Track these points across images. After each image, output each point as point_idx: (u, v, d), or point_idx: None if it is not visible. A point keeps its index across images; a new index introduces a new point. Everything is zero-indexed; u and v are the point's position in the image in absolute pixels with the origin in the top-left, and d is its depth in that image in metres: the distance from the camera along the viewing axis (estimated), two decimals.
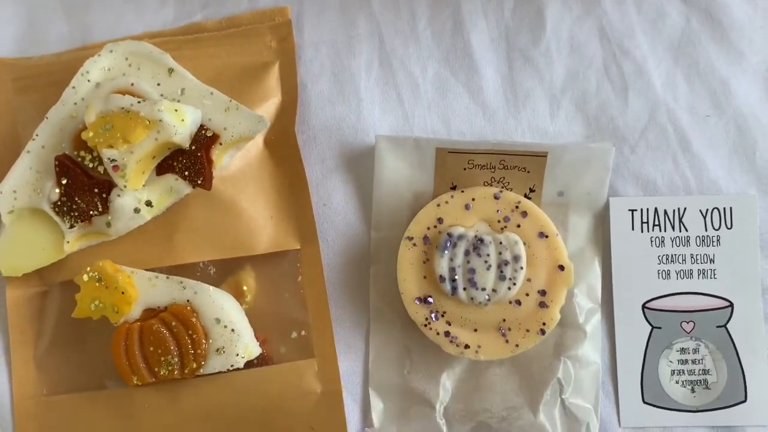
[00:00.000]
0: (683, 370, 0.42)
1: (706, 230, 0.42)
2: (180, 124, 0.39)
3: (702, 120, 0.44)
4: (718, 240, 0.42)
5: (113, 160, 0.38)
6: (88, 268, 0.39)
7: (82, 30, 0.45)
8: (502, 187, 0.42)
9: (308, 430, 0.41)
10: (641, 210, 0.43)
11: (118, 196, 0.39)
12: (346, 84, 0.45)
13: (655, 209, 0.43)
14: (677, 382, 0.42)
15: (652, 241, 0.43)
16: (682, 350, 0.42)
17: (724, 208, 0.42)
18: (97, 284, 0.39)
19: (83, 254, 0.41)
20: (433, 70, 0.45)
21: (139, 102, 0.39)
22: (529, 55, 0.45)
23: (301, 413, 0.41)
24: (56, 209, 0.40)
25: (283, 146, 0.43)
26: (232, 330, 0.39)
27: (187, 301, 0.40)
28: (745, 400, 0.41)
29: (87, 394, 0.41)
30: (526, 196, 0.42)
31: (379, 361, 0.42)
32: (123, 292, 0.39)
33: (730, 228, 0.42)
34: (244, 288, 0.42)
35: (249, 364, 0.41)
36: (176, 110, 0.39)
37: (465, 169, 0.42)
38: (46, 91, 0.43)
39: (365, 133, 0.44)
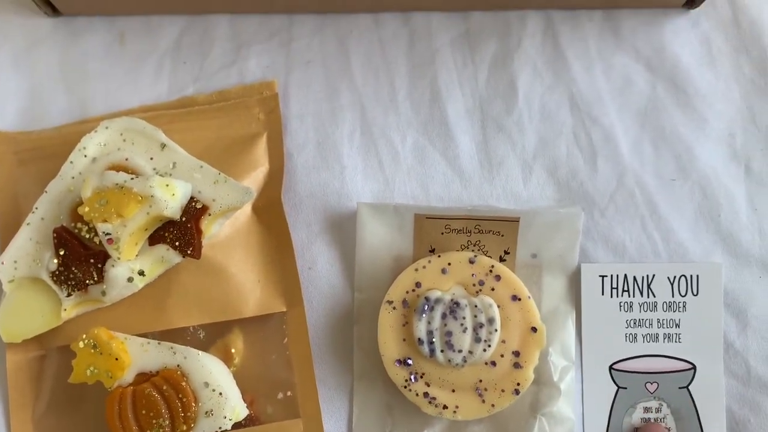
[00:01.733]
0: None
1: (672, 296, 0.44)
2: (171, 198, 0.41)
3: (668, 184, 0.46)
4: (684, 306, 0.44)
5: (108, 234, 0.41)
6: (84, 336, 0.41)
7: (81, 104, 0.48)
8: (478, 251, 0.44)
9: None
10: (611, 276, 0.45)
11: (113, 266, 0.42)
12: (330, 152, 0.47)
13: (625, 275, 0.45)
14: None
15: (621, 306, 0.45)
16: (645, 409, 0.43)
17: (691, 276, 0.44)
18: (92, 351, 0.41)
19: (79, 320, 0.43)
20: (412, 139, 0.47)
21: (132, 178, 0.41)
22: (502, 123, 0.47)
23: None
24: (54, 278, 0.43)
25: (270, 213, 0.46)
26: (220, 393, 0.41)
27: (178, 365, 0.41)
28: None
29: None
30: (501, 258, 0.44)
31: (363, 420, 0.44)
32: (117, 359, 0.41)
33: (696, 294, 0.44)
34: (233, 350, 0.44)
35: (237, 425, 0.42)
36: (167, 185, 0.41)
37: (442, 233, 0.44)
38: (46, 164, 0.46)
39: (348, 199, 0.47)
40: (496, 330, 0.41)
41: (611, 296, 0.45)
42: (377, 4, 0.49)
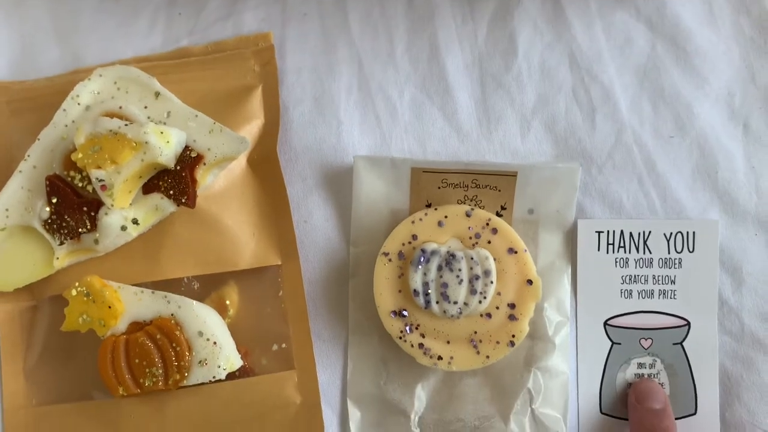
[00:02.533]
0: None
1: (668, 253, 0.44)
2: (165, 146, 0.41)
3: (666, 142, 0.46)
4: (679, 263, 0.44)
5: (101, 180, 0.40)
6: (76, 283, 0.41)
7: (74, 55, 0.47)
8: (475, 205, 0.44)
9: None
10: (607, 232, 0.45)
11: (106, 214, 0.41)
12: (327, 107, 0.47)
13: (621, 231, 0.45)
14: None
15: (616, 262, 0.44)
16: (639, 365, 0.43)
17: (687, 233, 0.44)
18: (85, 299, 0.41)
19: (72, 270, 0.43)
20: (409, 94, 0.47)
21: (126, 125, 0.41)
22: (501, 80, 0.47)
23: (282, 423, 0.43)
24: (46, 227, 0.42)
25: (265, 166, 0.45)
26: (215, 343, 0.41)
27: (172, 315, 0.41)
28: (695, 413, 0.43)
29: (75, 404, 0.43)
30: (497, 213, 0.44)
31: (357, 372, 0.44)
32: (110, 307, 0.41)
33: (692, 251, 0.44)
34: (227, 302, 0.44)
35: (231, 376, 0.42)
36: (162, 132, 0.41)
37: (439, 187, 0.44)
38: (39, 114, 0.45)
39: (345, 154, 0.46)
40: (491, 282, 0.41)
41: (607, 252, 0.44)
42: None
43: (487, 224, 0.42)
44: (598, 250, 0.45)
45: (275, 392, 0.43)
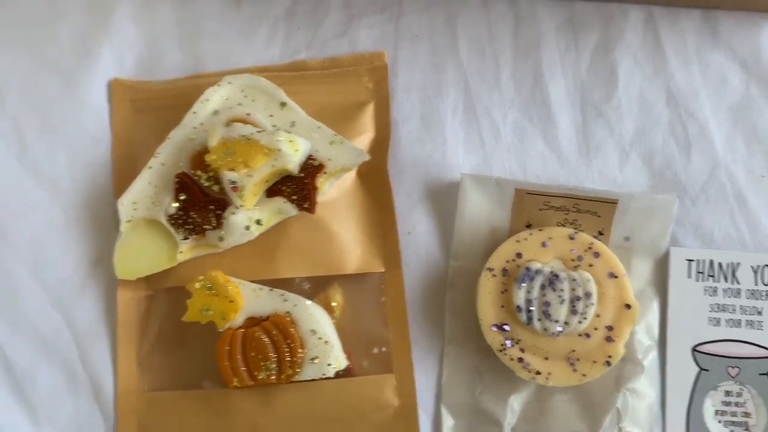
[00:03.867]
0: (726, 411, 0.46)
1: (756, 285, 0.46)
2: (294, 154, 0.43)
3: (758, 180, 0.48)
4: (766, 295, 0.46)
5: (233, 182, 0.43)
6: (201, 277, 0.43)
7: (195, 59, 0.50)
8: (575, 229, 0.46)
9: None
10: (698, 261, 0.47)
11: (233, 213, 0.44)
12: (434, 125, 0.49)
13: (711, 261, 0.47)
14: (719, 422, 0.46)
15: (705, 290, 0.46)
16: (727, 393, 0.45)
17: None
18: (208, 292, 0.43)
19: (190, 264, 0.45)
20: (512, 117, 0.49)
21: (259, 132, 0.43)
22: (601, 109, 0.49)
23: (380, 424, 0.45)
24: (172, 222, 0.44)
25: (374, 178, 0.48)
26: (326, 342, 0.43)
27: (287, 312, 0.43)
28: None
29: (185, 392, 0.45)
30: (594, 238, 0.46)
31: (452, 381, 0.46)
32: (231, 301, 0.43)
33: None
34: (333, 304, 0.46)
35: (335, 375, 0.44)
36: (291, 141, 0.43)
37: (540, 209, 0.46)
38: (161, 114, 0.48)
39: (449, 171, 0.49)
40: (592, 304, 0.43)
41: (697, 280, 0.46)
42: None
43: (590, 248, 0.44)
44: (689, 277, 0.47)
45: (375, 394, 0.45)
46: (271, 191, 0.44)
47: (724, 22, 0.50)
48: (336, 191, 0.47)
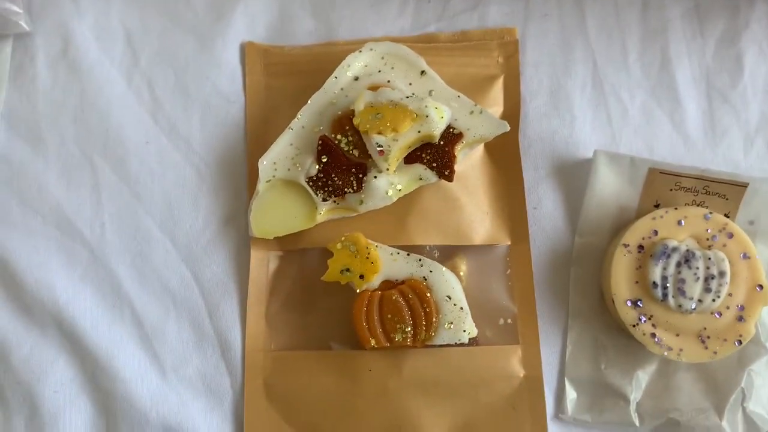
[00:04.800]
0: None
1: None
2: (440, 121, 0.44)
3: None
4: None
5: (380, 146, 0.43)
6: (343, 237, 0.44)
7: (327, 27, 0.50)
8: (706, 208, 0.46)
9: (510, 409, 0.45)
10: None
11: (375, 177, 0.44)
12: (562, 101, 0.50)
13: None
14: None
15: None
16: None
17: None
18: (349, 252, 0.43)
19: (322, 226, 0.46)
20: (640, 99, 0.50)
21: (407, 97, 0.44)
22: (727, 95, 0.50)
23: (505, 393, 0.45)
24: (311, 183, 0.45)
25: (503, 152, 0.48)
26: (461, 308, 0.44)
27: (423, 278, 0.44)
28: None
29: (313, 352, 0.45)
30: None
31: (576, 355, 0.46)
32: (372, 263, 0.43)
33: None
34: (461, 273, 0.46)
35: (461, 343, 0.45)
36: (437, 108, 0.44)
37: (671, 189, 0.47)
38: (294, 79, 0.48)
39: (576, 147, 0.49)
40: (726, 283, 0.44)
41: None
42: None
43: (724, 228, 0.45)
44: None
45: (501, 364, 0.45)
46: (410, 158, 0.45)
47: None
48: (466, 163, 0.47)
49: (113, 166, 0.48)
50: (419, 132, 0.43)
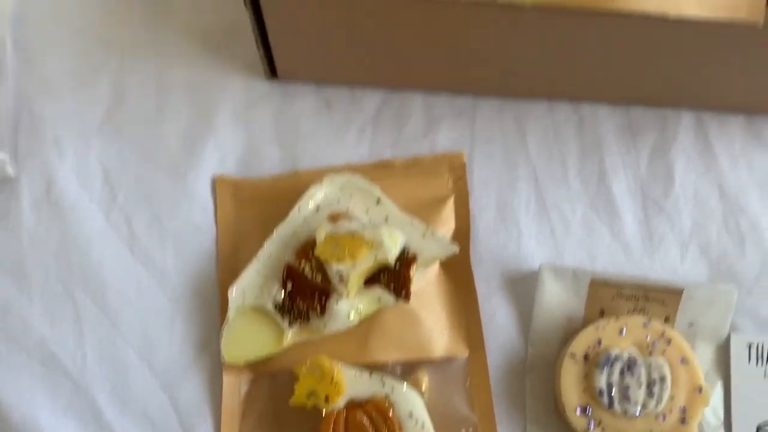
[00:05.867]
0: None
1: None
2: (394, 246, 0.47)
3: None
4: None
5: (340, 273, 0.47)
6: (308, 361, 0.47)
7: (292, 157, 0.55)
8: (645, 315, 0.50)
9: None
10: (757, 345, 0.51)
11: (337, 302, 0.47)
12: (508, 217, 0.54)
13: None
14: None
15: (765, 374, 0.50)
16: None
17: None
18: (314, 376, 0.46)
19: (291, 350, 0.49)
20: (580, 212, 0.54)
21: (363, 227, 0.48)
22: (661, 205, 0.54)
23: None
24: (278, 309, 0.48)
25: (457, 267, 0.52)
26: (423, 425, 0.46)
27: (386, 396, 0.47)
28: None
29: None
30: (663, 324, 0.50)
31: None
32: (337, 385, 0.46)
33: None
34: (423, 387, 0.49)
35: None
36: (391, 235, 0.48)
37: (613, 298, 0.50)
38: (262, 208, 0.52)
39: (524, 260, 0.53)
40: (667, 387, 0.47)
41: (757, 364, 0.50)
42: (551, 92, 0.56)
43: (662, 335, 0.48)
44: (749, 362, 0.50)
45: None
46: (369, 281, 0.48)
47: (766, 126, 0.56)
48: (423, 280, 0.51)
49: (94, 299, 0.51)
50: (375, 258, 0.47)
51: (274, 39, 0.51)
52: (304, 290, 0.48)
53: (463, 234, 0.52)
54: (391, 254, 0.47)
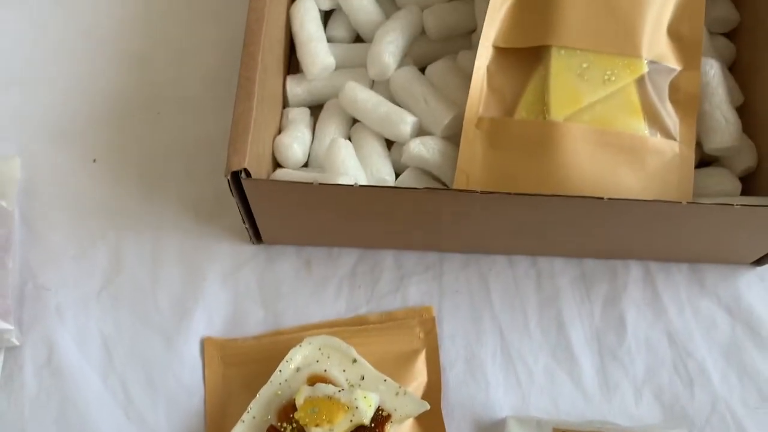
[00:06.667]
0: None
1: None
2: (368, 408, 0.51)
3: (753, 411, 0.57)
4: None
5: None
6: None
7: (275, 316, 0.59)
8: None
9: None
10: None
11: None
12: (477, 369, 0.58)
13: None
14: None
15: None
16: None
17: None
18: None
19: None
20: (543, 361, 0.58)
21: (339, 391, 0.52)
22: (615, 352, 0.59)
23: None
24: None
25: (430, 421, 0.55)
26: None
27: None
28: None
29: None
30: None
31: None
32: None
33: None
34: None
35: None
36: (365, 397, 0.52)
37: None
38: (247, 367, 0.57)
39: (492, 410, 0.57)
40: None
41: None
42: (510, 248, 0.62)
43: None
44: None
45: None
46: None
47: (708, 273, 0.61)
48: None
49: None
50: (351, 421, 0.51)
51: (258, 216, 0.57)
52: None
53: (434, 387, 0.57)
54: (366, 417, 0.51)
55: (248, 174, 0.52)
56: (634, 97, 0.57)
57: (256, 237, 0.60)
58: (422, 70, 0.63)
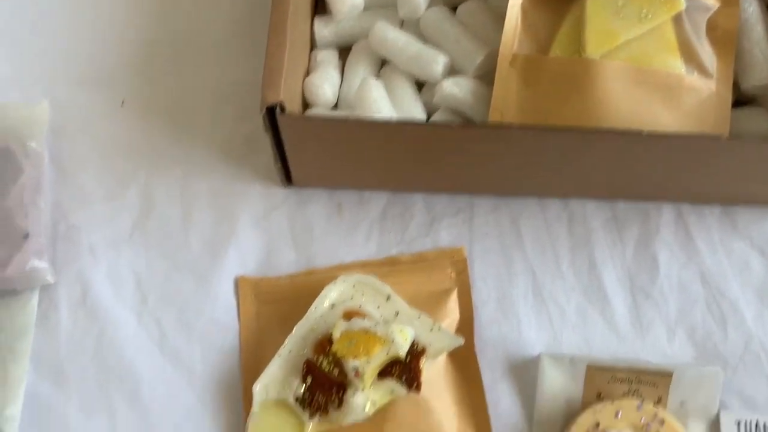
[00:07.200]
0: None
1: None
2: (404, 342, 0.52)
3: None
4: None
5: (356, 368, 0.51)
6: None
7: (307, 258, 0.60)
8: (637, 397, 0.53)
9: None
10: (746, 422, 0.54)
11: (353, 395, 0.51)
12: (508, 308, 0.58)
13: (756, 422, 0.54)
14: None
15: None
16: None
17: None
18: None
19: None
20: (575, 301, 0.58)
21: (376, 324, 0.52)
22: (648, 292, 0.59)
23: None
24: (299, 402, 0.52)
25: (463, 357, 0.56)
26: None
27: None
28: None
29: None
30: (655, 404, 0.54)
31: None
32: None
33: None
34: None
35: None
36: (401, 331, 0.52)
37: (608, 382, 0.54)
38: (281, 305, 0.57)
39: (525, 348, 0.57)
40: None
41: None
42: (542, 190, 0.61)
43: (656, 416, 0.52)
44: None
45: None
46: (382, 373, 0.52)
47: (741, 215, 0.61)
48: (432, 369, 0.55)
49: (126, 397, 0.55)
50: (388, 353, 0.51)
51: (291, 155, 0.56)
52: (323, 384, 0.52)
53: (467, 325, 0.57)
54: (403, 349, 0.51)
55: (283, 109, 0.52)
56: (670, 35, 0.56)
57: (287, 179, 0.60)
58: (453, 10, 0.63)
